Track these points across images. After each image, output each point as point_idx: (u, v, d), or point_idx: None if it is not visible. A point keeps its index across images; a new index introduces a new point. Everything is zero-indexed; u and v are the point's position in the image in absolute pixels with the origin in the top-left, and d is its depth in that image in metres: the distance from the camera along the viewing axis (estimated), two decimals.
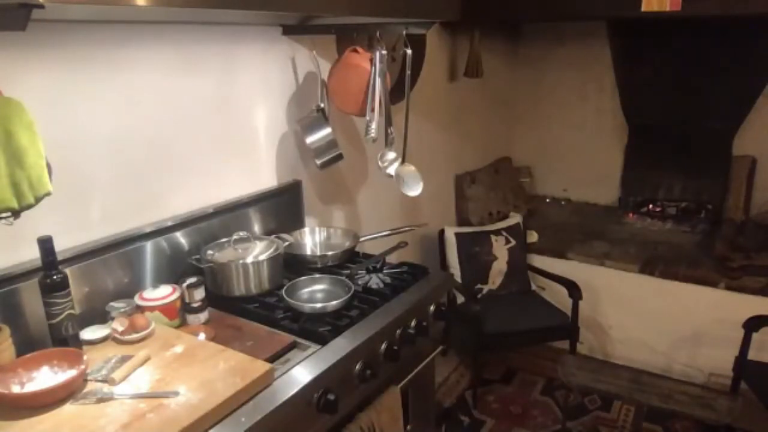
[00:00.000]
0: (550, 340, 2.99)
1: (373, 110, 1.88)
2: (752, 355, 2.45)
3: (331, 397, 1.28)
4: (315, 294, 1.65)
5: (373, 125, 1.88)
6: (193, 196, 1.75)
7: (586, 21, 3.45)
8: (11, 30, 1.11)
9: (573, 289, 2.82)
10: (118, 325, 1.33)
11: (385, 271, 1.81)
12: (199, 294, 1.50)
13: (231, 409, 1.13)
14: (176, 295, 1.47)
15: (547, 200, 3.99)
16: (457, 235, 3.03)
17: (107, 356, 1.26)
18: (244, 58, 1.85)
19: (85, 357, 1.18)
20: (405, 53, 1.93)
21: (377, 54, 1.86)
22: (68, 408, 1.10)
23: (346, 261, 1.88)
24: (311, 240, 2.03)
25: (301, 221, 2.11)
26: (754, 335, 2.43)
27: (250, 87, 1.89)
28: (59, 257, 1.26)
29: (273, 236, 1.82)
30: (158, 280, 1.57)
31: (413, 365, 1.65)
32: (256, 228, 1.92)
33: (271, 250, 1.70)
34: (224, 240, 1.72)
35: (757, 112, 3.21)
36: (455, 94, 3.18)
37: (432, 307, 1.73)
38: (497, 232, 3.11)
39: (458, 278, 3.00)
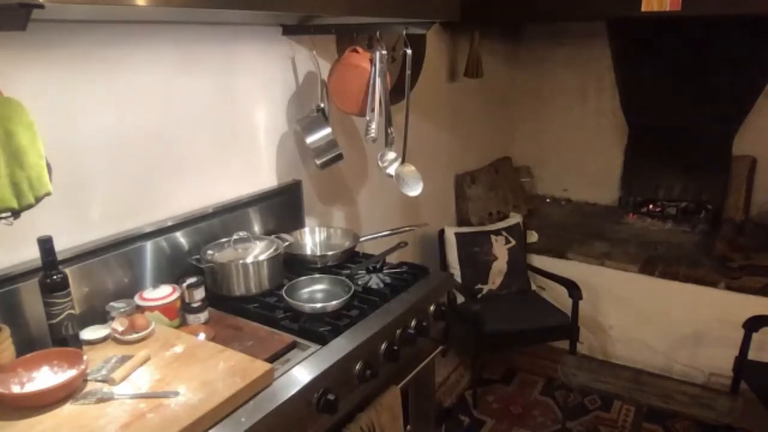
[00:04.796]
0: (550, 340, 2.99)
1: (373, 110, 1.88)
2: (752, 355, 2.45)
3: (331, 397, 1.28)
4: (315, 294, 1.65)
5: (373, 125, 1.88)
6: (193, 196, 1.75)
7: (586, 21, 3.44)
8: (11, 30, 1.10)
9: (573, 289, 2.82)
10: (118, 325, 1.33)
11: (385, 271, 1.81)
12: (199, 294, 1.50)
13: (231, 409, 1.13)
14: (176, 295, 1.48)
15: (547, 200, 3.99)
16: (457, 235, 3.03)
17: (107, 356, 1.26)
18: (244, 58, 1.85)
19: (85, 357, 1.18)
20: (405, 53, 1.93)
21: (377, 54, 1.86)
22: (68, 408, 1.10)
23: (346, 261, 1.88)
24: (311, 240, 2.03)
25: (301, 221, 2.11)
26: (754, 335, 2.43)
27: (250, 87, 1.89)
28: (59, 257, 1.26)
29: (273, 236, 1.82)
30: (158, 280, 1.57)
31: (413, 365, 1.65)
32: (256, 228, 1.92)
33: (271, 250, 1.70)
34: (224, 240, 1.72)
35: (757, 112, 3.20)
36: (455, 94, 3.18)
37: (432, 307, 1.73)
38: (497, 232, 3.11)
39: (458, 278, 2.99)
